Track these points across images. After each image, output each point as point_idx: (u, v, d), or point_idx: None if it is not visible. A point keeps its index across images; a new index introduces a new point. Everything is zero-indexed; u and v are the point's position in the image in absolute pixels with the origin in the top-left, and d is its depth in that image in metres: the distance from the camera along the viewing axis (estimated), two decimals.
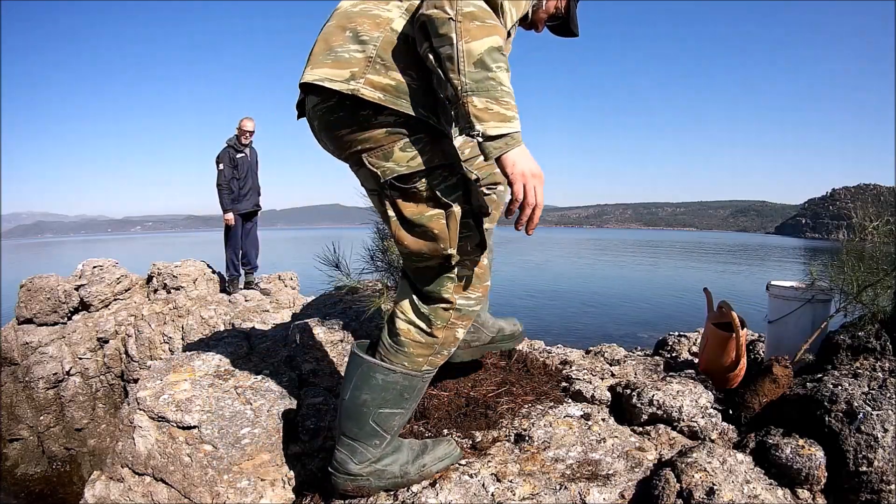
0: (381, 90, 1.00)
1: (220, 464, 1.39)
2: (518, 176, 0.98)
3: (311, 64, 1.06)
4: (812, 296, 1.95)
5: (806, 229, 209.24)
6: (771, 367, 1.60)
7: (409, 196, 1.08)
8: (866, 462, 1.23)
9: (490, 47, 0.93)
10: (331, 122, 1.07)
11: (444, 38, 0.93)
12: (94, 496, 1.41)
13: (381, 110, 1.02)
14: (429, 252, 1.11)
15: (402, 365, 1.19)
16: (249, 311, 5.40)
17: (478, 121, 0.94)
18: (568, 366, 2.01)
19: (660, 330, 5.12)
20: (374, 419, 1.20)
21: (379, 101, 1.00)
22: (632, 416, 1.56)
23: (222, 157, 5.44)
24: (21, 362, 4.91)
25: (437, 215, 1.08)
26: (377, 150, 1.05)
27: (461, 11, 0.92)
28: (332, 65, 1.02)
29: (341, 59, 1.02)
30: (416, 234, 1.10)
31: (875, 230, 1.93)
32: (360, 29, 1.03)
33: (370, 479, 1.23)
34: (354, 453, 1.22)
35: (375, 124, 1.03)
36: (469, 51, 0.92)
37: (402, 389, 1.20)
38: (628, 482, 1.26)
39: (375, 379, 1.18)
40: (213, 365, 1.72)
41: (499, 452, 1.37)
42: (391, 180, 1.06)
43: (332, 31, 1.06)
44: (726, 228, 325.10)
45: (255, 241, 5.90)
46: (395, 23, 1.04)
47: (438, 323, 1.18)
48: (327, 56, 1.04)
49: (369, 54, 1.01)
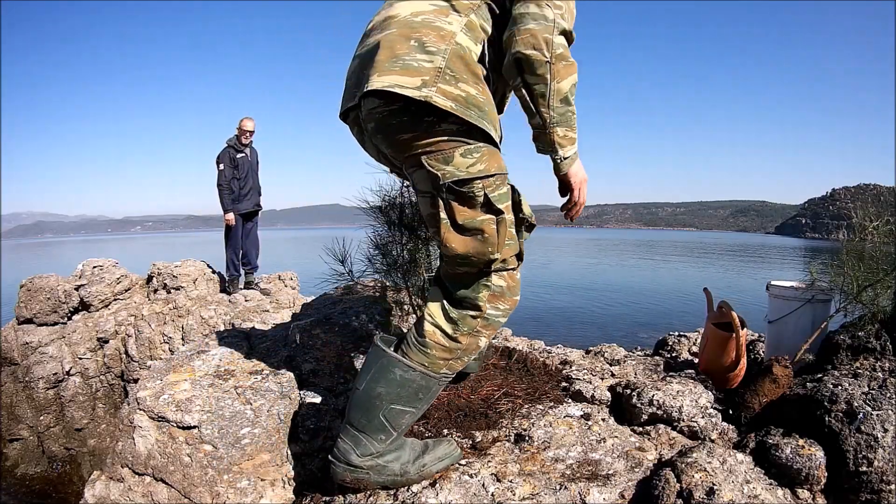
0: (453, 100, 1.06)
1: (220, 464, 1.39)
2: (577, 182, 1.23)
3: (378, 71, 1.08)
4: (812, 296, 1.95)
5: (806, 229, 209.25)
6: (771, 367, 1.60)
7: (465, 200, 1.12)
8: (866, 462, 1.23)
9: (572, 85, 1.12)
10: (392, 125, 1.11)
11: (540, 77, 1.08)
12: (94, 496, 1.41)
13: (446, 118, 1.07)
14: (475, 256, 1.16)
15: (422, 364, 1.21)
16: (249, 311, 5.40)
17: (560, 147, 1.15)
18: (568, 366, 2.01)
19: (660, 330, 5.12)
20: (385, 414, 1.21)
21: (451, 109, 1.05)
22: (632, 416, 1.56)
23: (222, 157, 5.44)
24: (21, 362, 4.91)
25: (489, 220, 1.14)
26: (438, 154, 1.10)
27: (554, 53, 1.07)
28: (401, 72, 1.06)
29: (410, 68, 1.06)
30: (466, 237, 1.15)
31: (875, 230, 1.93)
32: (425, 40, 1.08)
33: (370, 474, 1.22)
34: (358, 444, 1.21)
35: (439, 131, 1.08)
36: (559, 90, 1.10)
37: (418, 389, 1.22)
38: (628, 482, 1.26)
39: (394, 374, 1.20)
40: (213, 365, 1.72)
41: (499, 452, 1.37)
42: (450, 183, 1.10)
43: (396, 40, 1.10)
44: (726, 228, 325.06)
45: (256, 241, 5.90)
46: (458, 37, 1.10)
47: (465, 329, 1.21)
48: (394, 63, 1.07)
49: (438, 65, 1.06)
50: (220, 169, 5.42)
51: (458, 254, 1.16)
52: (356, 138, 1.30)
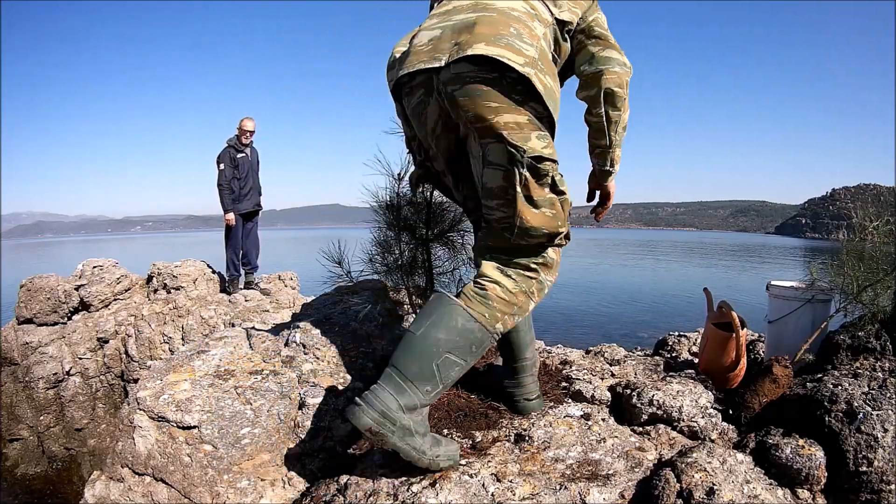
0: (543, 86, 1.19)
1: (220, 464, 1.39)
2: (613, 190, 1.55)
3: (482, 41, 1.16)
4: (812, 296, 1.95)
5: (806, 229, 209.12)
6: (771, 367, 1.60)
7: (539, 177, 1.23)
8: (866, 462, 1.23)
9: (628, 115, 1.39)
10: (483, 91, 1.18)
11: (619, 109, 1.35)
12: (94, 496, 1.41)
13: (534, 99, 1.19)
14: (547, 229, 1.29)
15: (482, 316, 1.27)
16: (249, 311, 5.41)
17: (615, 163, 1.46)
18: (568, 366, 2.01)
19: (660, 330, 5.12)
20: (439, 363, 1.21)
21: (541, 92, 1.18)
22: (632, 416, 1.56)
23: (223, 157, 5.44)
24: (21, 362, 4.91)
25: (555, 199, 1.28)
26: (519, 132, 1.19)
27: (626, 86, 1.34)
28: (506, 48, 1.16)
29: (514, 47, 1.17)
30: (538, 212, 1.27)
31: (875, 230, 1.93)
32: (522, 32, 1.20)
33: (394, 432, 1.15)
34: (402, 394, 1.18)
35: (525, 109, 1.20)
36: (623, 120, 1.38)
37: (473, 341, 1.26)
38: (628, 482, 1.26)
39: (456, 321, 1.24)
40: (213, 365, 1.72)
41: (499, 452, 1.37)
42: (530, 159, 1.20)
43: (498, 22, 1.20)
44: (726, 228, 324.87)
45: (256, 241, 5.90)
46: (542, 41, 1.25)
47: (523, 287, 1.33)
48: (499, 39, 1.17)
49: (534, 55, 1.19)
50: (220, 169, 5.42)
51: (532, 226, 1.27)
52: (407, 105, 1.35)
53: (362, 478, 1.29)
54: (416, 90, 1.30)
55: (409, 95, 1.33)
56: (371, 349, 1.99)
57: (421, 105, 1.32)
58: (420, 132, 1.40)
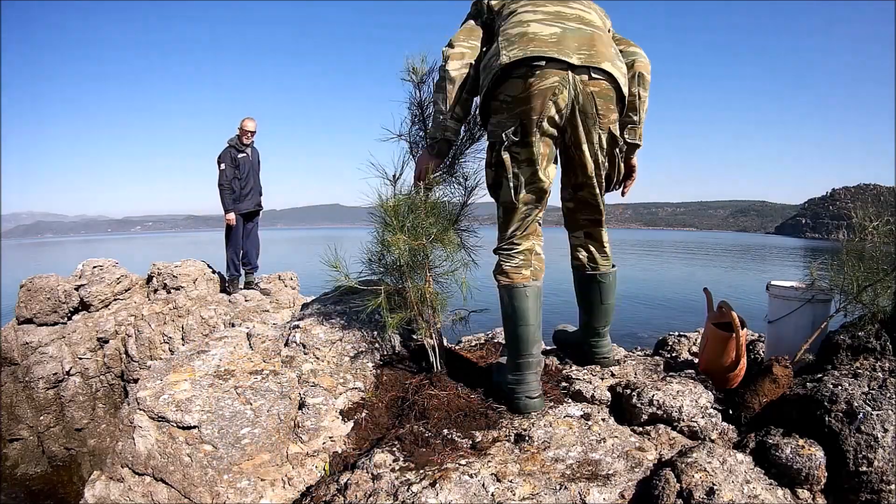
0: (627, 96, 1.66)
1: (220, 464, 1.39)
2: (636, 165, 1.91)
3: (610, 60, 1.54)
4: (812, 296, 1.95)
5: (806, 229, 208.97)
6: (771, 367, 1.60)
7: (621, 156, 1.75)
8: (866, 462, 1.23)
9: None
10: (611, 97, 1.57)
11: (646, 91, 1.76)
12: (94, 496, 1.41)
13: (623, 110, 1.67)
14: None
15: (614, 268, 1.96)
16: (249, 311, 5.41)
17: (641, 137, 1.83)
18: (568, 366, 2.01)
19: (660, 330, 5.11)
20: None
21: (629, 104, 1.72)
22: (632, 416, 1.56)
23: (224, 156, 5.44)
24: (21, 362, 4.91)
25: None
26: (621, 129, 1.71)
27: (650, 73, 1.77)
28: (621, 68, 1.58)
29: (622, 70, 1.59)
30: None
31: (875, 230, 1.93)
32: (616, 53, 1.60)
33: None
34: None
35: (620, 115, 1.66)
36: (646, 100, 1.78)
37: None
38: (628, 482, 1.26)
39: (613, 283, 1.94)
40: (213, 365, 1.72)
41: (499, 452, 1.37)
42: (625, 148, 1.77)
43: (607, 42, 1.56)
44: (726, 228, 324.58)
45: (256, 241, 5.90)
46: None
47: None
48: (617, 59, 1.58)
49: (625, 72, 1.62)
50: (221, 169, 5.42)
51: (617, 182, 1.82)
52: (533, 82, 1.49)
53: (362, 478, 1.29)
54: (550, 74, 1.48)
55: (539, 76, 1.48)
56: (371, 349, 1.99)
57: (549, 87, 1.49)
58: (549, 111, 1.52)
